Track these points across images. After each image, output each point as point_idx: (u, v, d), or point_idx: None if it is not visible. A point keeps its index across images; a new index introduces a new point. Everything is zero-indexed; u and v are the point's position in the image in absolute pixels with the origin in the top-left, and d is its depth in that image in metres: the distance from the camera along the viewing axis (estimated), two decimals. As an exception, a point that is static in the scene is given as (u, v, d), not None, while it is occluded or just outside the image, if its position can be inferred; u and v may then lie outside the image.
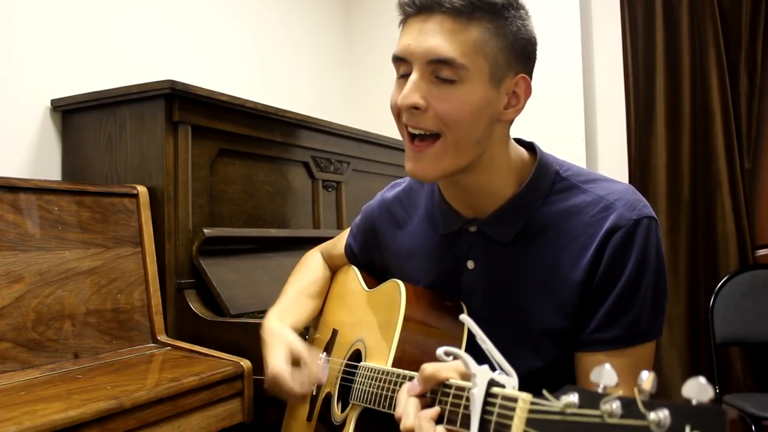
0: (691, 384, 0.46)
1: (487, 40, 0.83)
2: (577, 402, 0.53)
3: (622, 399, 0.50)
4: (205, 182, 1.62)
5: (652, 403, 0.48)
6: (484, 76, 0.84)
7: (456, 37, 0.82)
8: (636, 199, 0.88)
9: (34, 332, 1.24)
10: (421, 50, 0.83)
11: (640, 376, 0.49)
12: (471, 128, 0.85)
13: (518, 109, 0.90)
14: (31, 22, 1.72)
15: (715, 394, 0.47)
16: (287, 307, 1.17)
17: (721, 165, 2.52)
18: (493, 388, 0.63)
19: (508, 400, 0.60)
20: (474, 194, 0.93)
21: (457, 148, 0.86)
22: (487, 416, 0.62)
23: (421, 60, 0.83)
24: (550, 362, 0.91)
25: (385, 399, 0.85)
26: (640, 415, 0.48)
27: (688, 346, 2.58)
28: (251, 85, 2.46)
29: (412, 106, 0.84)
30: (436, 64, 0.83)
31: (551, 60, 2.64)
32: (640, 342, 0.85)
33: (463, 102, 0.84)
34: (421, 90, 0.84)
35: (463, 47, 0.82)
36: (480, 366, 0.65)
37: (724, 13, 2.54)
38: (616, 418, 0.49)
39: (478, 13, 0.82)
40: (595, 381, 0.53)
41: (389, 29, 1.00)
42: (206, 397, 1.22)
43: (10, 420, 0.91)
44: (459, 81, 0.83)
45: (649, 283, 0.85)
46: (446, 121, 0.84)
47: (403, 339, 0.90)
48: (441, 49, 0.82)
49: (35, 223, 1.31)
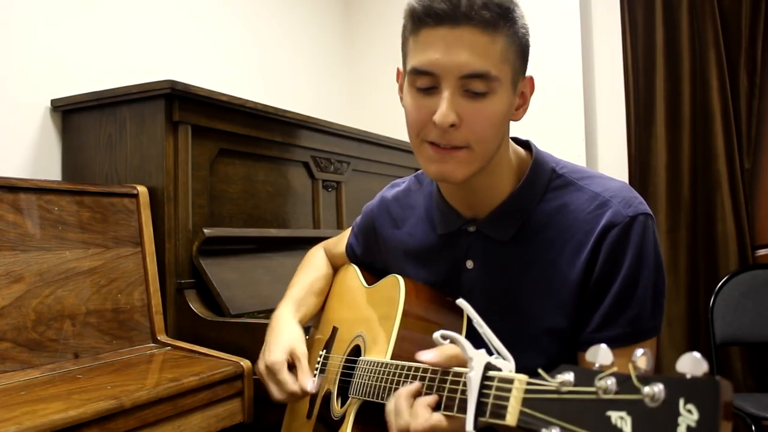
0: (686, 358, 0.46)
1: (509, 47, 0.83)
2: (573, 380, 0.53)
3: (617, 375, 0.50)
4: (205, 182, 1.62)
5: (646, 378, 0.48)
6: (509, 83, 0.84)
7: (488, 50, 0.80)
8: (632, 196, 0.88)
9: (34, 332, 1.24)
10: (452, 65, 0.80)
11: (634, 353, 0.50)
12: (497, 137, 0.86)
13: (526, 109, 0.91)
14: (31, 22, 1.72)
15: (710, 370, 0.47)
16: (299, 301, 1.18)
17: (721, 165, 2.52)
18: (490, 371, 0.64)
19: (504, 382, 0.61)
20: (477, 193, 0.94)
21: (485, 156, 0.86)
22: (484, 399, 0.63)
23: (453, 75, 0.81)
24: (550, 361, 0.90)
25: (383, 391, 0.84)
26: (634, 389, 0.48)
27: (688, 346, 2.58)
28: (251, 85, 2.46)
29: (452, 125, 0.82)
30: (467, 79, 0.81)
31: (551, 60, 2.64)
32: (641, 340, 0.85)
33: (494, 113, 0.83)
34: (457, 106, 0.82)
35: (494, 59, 0.81)
36: (477, 350, 0.65)
37: (724, 13, 2.54)
38: (611, 394, 0.50)
39: (501, 21, 0.81)
40: (591, 360, 0.53)
41: (389, 29, 1.00)
42: (206, 397, 1.22)
43: (10, 420, 0.91)
44: (490, 93, 0.82)
45: (647, 279, 0.85)
46: (478, 136, 0.83)
47: (401, 333, 0.90)
48: (476, 63, 0.80)
49: (35, 223, 1.31)
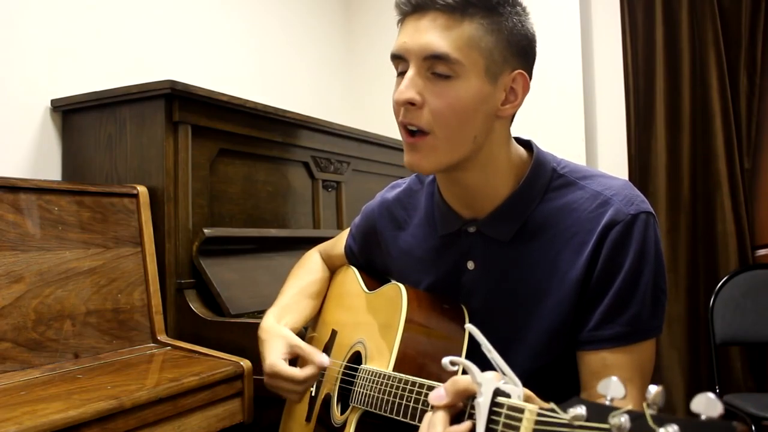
0: (700, 399, 0.45)
1: (482, 36, 0.84)
2: (585, 414, 0.52)
3: (631, 413, 0.49)
4: (205, 182, 1.62)
5: (660, 418, 0.47)
6: (479, 71, 0.85)
7: (450, 33, 0.83)
8: (633, 194, 0.88)
9: (35, 332, 1.24)
10: (416, 47, 0.85)
11: (648, 390, 0.49)
12: (465, 124, 0.86)
13: (516, 105, 0.90)
14: (31, 22, 1.72)
15: (722, 408, 0.47)
16: (285, 308, 1.17)
17: (721, 165, 2.52)
18: (499, 397, 0.62)
19: (514, 411, 0.60)
20: (473, 193, 0.93)
21: (450, 144, 0.86)
22: (493, 426, 0.61)
23: (416, 56, 0.85)
24: (551, 361, 0.91)
25: (386, 403, 0.84)
26: (648, 429, 0.47)
27: (688, 346, 2.58)
28: (251, 85, 2.46)
29: (408, 101, 0.85)
30: (431, 60, 0.84)
31: (551, 60, 2.64)
32: (641, 339, 0.85)
33: (458, 97, 0.84)
34: (417, 86, 0.85)
35: (457, 42, 0.83)
36: (485, 374, 0.64)
37: (724, 13, 2.54)
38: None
39: (471, 9, 0.84)
40: (602, 393, 0.52)
41: (389, 30, 1.00)
42: (206, 397, 1.22)
43: (11, 420, 0.91)
44: (454, 76, 0.84)
45: (649, 278, 0.85)
46: (438, 118, 0.85)
47: (404, 342, 0.90)
48: (435, 44, 0.83)
49: (35, 223, 1.31)
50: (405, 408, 0.81)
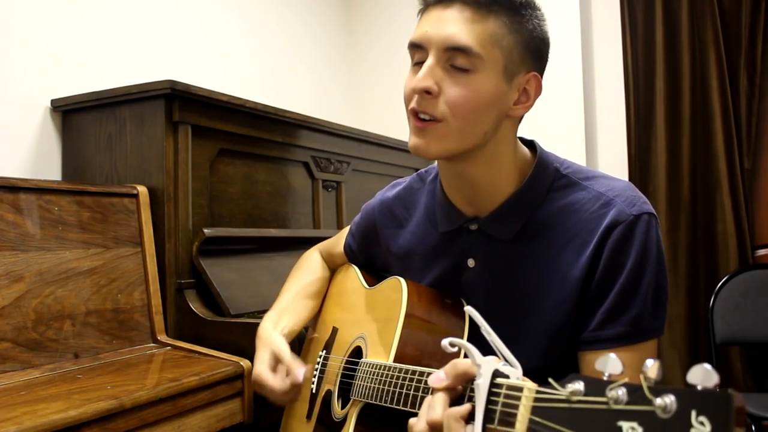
0: (696, 370, 0.46)
1: (504, 34, 0.85)
2: (583, 389, 0.53)
3: (628, 385, 0.50)
4: (205, 182, 1.62)
5: (657, 389, 0.48)
6: (498, 68, 0.85)
7: (474, 27, 0.84)
8: (635, 195, 0.88)
9: (34, 332, 1.24)
10: (438, 37, 0.85)
11: (645, 364, 0.50)
12: (478, 118, 0.86)
13: (527, 106, 0.91)
14: (32, 22, 1.72)
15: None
16: (283, 310, 1.17)
17: (721, 165, 2.52)
18: (498, 378, 0.63)
19: (513, 390, 0.61)
20: (476, 189, 0.93)
21: (460, 134, 0.87)
22: (492, 406, 0.62)
23: (438, 47, 0.85)
24: (552, 361, 0.91)
25: (386, 394, 0.84)
26: (646, 400, 0.48)
27: (688, 346, 2.58)
28: (251, 85, 2.46)
29: (425, 89, 0.85)
30: (452, 52, 0.84)
31: (551, 59, 2.62)
32: (643, 339, 0.85)
33: (474, 91, 0.85)
34: (435, 75, 0.85)
35: (480, 37, 0.84)
36: (485, 357, 0.65)
37: (724, 13, 2.54)
38: (622, 404, 0.49)
39: (496, 6, 0.85)
40: (601, 369, 0.53)
41: (389, 30, 1.00)
42: (206, 397, 1.22)
43: (11, 420, 0.91)
44: (473, 70, 0.84)
45: (650, 279, 0.85)
46: (453, 109, 0.85)
47: (404, 335, 0.90)
48: (458, 36, 0.84)
49: (35, 223, 1.31)
50: (405, 396, 0.81)
